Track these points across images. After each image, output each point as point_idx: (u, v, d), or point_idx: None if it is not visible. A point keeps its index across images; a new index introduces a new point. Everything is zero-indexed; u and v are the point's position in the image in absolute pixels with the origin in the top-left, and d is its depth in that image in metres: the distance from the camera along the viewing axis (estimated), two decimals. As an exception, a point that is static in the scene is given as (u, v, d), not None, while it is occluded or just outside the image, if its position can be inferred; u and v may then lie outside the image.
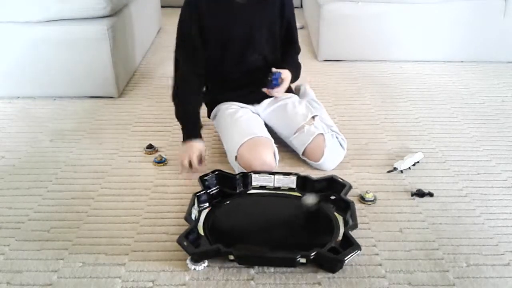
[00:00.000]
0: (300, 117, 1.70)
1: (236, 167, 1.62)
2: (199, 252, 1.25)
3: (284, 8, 1.72)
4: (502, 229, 1.40)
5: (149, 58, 2.71)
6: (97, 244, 1.34)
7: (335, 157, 1.68)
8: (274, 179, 1.54)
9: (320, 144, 1.64)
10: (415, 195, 1.54)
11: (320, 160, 1.64)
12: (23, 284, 1.22)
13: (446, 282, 1.22)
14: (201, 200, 1.44)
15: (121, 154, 1.78)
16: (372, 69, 2.54)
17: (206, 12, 1.65)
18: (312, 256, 1.21)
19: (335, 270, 1.24)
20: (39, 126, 1.98)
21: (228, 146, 1.67)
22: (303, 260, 1.22)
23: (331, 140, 1.67)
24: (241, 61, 1.72)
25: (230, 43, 1.69)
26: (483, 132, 1.93)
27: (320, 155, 1.63)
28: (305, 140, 1.65)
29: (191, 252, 1.24)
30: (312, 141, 1.64)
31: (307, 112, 1.72)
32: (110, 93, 2.21)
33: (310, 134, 1.65)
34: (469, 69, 2.55)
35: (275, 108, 1.78)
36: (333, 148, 1.67)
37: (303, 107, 1.75)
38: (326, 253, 1.24)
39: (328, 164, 1.65)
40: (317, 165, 1.65)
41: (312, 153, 1.65)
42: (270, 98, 1.78)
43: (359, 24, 2.56)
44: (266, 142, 1.62)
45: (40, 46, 2.10)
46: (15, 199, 1.54)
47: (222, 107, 1.77)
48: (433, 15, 2.53)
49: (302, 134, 1.66)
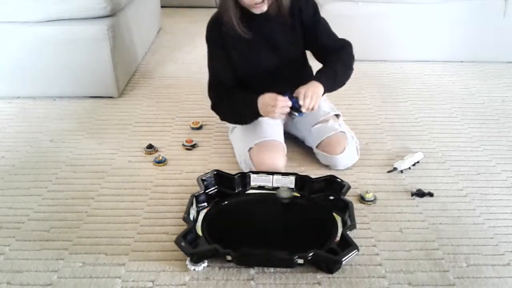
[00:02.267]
0: (323, 112, 1.71)
1: (243, 166, 1.62)
2: (197, 253, 1.25)
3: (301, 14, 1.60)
4: (502, 229, 1.40)
5: (149, 58, 2.71)
6: (97, 244, 1.34)
7: (351, 158, 1.67)
8: (273, 179, 1.53)
9: (341, 140, 1.63)
10: (415, 195, 1.54)
11: (340, 154, 1.62)
12: (23, 284, 1.22)
13: (446, 282, 1.22)
14: (199, 200, 1.44)
15: (121, 154, 1.78)
16: (372, 69, 2.54)
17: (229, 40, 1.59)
18: (310, 257, 1.21)
19: (333, 271, 1.23)
20: (39, 126, 1.98)
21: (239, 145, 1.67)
22: (300, 261, 1.22)
23: (351, 141, 1.67)
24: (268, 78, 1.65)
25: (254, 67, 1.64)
26: (483, 132, 1.93)
27: (340, 150, 1.62)
28: (325, 132, 1.65)
29: (189, 253, 1.24)
30: (333, 135, 1.64)
31: (331, 110, 1.74)
32: (110, 93, 2.21)
33: (333, 129, 1.65)
34: (469, 69, 2.55)
35: None
36: (352, 149, 1.67)
37: (327, 105, 1.76)
38: (323, 254, 1.24)
39: (343, 162, 1.64)
40: (333, 158, 1.63)
41: (331, 146, 1.63)
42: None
43: (359, 24, 2.56)
44: (279, 145, 1.62)
45: (40, 46, 2.10)
46: (15, 199, 1.54)
47: None
48: (433, 15, 2.53)
49: (325, 126, 1.66)
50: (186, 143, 1.81)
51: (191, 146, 1.81)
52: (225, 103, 1.66)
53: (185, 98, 2.19)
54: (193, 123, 1.96)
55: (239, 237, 1.36)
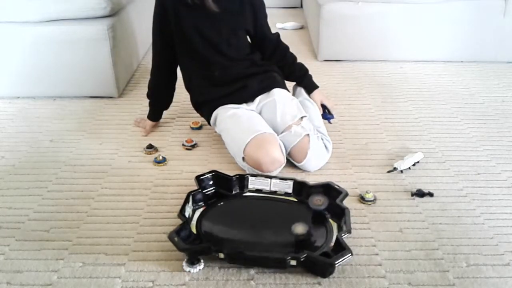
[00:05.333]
0: (289, 116, 1.69)
1: (246, 168, 1.63)
2: (189, 249, 1.25)
3: (256, 15, 1.78)
4: (502, 229, 1.40)
5: (149, 58, 2.68)
6: (97, 244, 1.34)
7: (319, 159, 1.67)
8: (271, 183, 1.52)
9: (304, 145, 1.63)
10: (415, 195, 1.54)
11: (303, 161, 1.63)
12: (23, 284, 1.22)
13: (446, 282, 1.22)
14: (196, 199, 1.44)
15: (121, 154, 1.78)
16: (372, 69, 2.54)
17: (173, 14, 1.70)
18: (303, 258, 1.20)
19: (326, 275, 1.22)
20: (39, 126, 1.98)
21: (233, 148, 1.67)
22: (293, 262, 1.21)
23: (316, 141, 1.66)
24: (211, 62, 1.75)
25: (198, 47, 1.73)
26: (483, 132, 1.93)
27: (303, 156, 1.63)
28: (291, 141, 1.64)
29: (181, 248, 1.23)
30: (297, 143, 1.63)
31: (297, 112, 1.71)
32: (110, 93, 2.21)
33: (297, 135, 1.64)
34: (469, 69, 2.55)
35: (266, 103, 1.75)
36: (317, 150, 1.66)
37: (294, 107, 1.73)
38: (316, 256, 1.23)
39: (311, 165, 1.65)
40: (300, 165, 1.65)
41: (296, 154, 1.64)
42: (262, 94, 1.77)
43: (359, 24, 2.56)
44: (271, 137, 1.62)
45: (40, 46, 2.10)
46: (15, 199, 1.54)
47: (219, 112, 1.75)
48: (433, 15, 2.53)
49: (289, 134, 1.66)
50: (186, 143, 1.81)
51: (191, 146, 1.81)
52: (150, 85, 1.89)
53: (185, 98, 2.18)
54: (193, 123, 1.96)
55: (232, 237, 1.35)
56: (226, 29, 1.72)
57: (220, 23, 1.70)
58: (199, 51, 1.73)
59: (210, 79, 1.77)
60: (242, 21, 1.75)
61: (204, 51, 1.73)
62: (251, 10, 1.75)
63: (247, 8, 1.74)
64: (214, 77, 1.76)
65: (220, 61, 1.74)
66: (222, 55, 1.74)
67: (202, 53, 1.73)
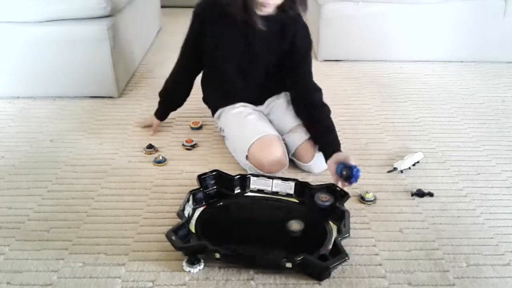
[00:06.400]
0: (289, 125, 1.70)
1: (248, 167, 1.62)
2: (185, 247, 1.25)
3: (295, 38, 1.66)
4: (502, 229, 1.40)
5: (149, 58, 2.71)
6: (97, 244, 1.34)
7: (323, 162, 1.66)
8: (273, 184, 1.52)
9: (310, 148, 1.63)
10: (415, 195, 1.54)
11: (310, 162, 1.63)
12: (23, 284, 1.22)
13: (446, 282, 1.22)
14: (196, 198, 1.44)
15: (121, 154, 1.78)
16: (372, 69, 2.54)
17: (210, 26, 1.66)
18: (299, 260, 1.19)
19: (322, 278, 1.22)
20: (39, 126, 1.98)
21: (237, 145, 1.67)
22: (289, 265, 1.20)
23: None
24: (241, 74, 1.72)
25: (227, 73, 1.71)
26: (483, 132, 1.93)
27: (310, 157, 1.63)
28: (296, 142, 1.65)
29: (177, 247, 1.23)
30: (302, 144, 1.64)
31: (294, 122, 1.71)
32: (110, 93, 2.21)
33: (301, 137, 1.65)
34: (469, 69, 2.55)
35: (275, 104, 1.78)
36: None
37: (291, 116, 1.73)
38: (312, 259, 1.22)
39: (317, 166, 1.64)
40: (307, 166, 1.65)
41: (303, 154, 1.64)
42: (272, 97, 1.79)
43: (359, 24, 2.56)
44: (276, 139, 1.62)
45: (40, 46, 2.10)
46: (15, 199, 1.54)
47: (226, 108, 1.76)
48: (433, 15, 2.53)
49: (296, 134, 1.66)
50: (186, 143, 1.81)
51: (191, 146, 1.81)
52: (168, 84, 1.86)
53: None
54: (193, 123, 1.96)
55: (230, 238, 1.35)
56: (263, 67, 1.71)
57: (258, 58, 1.68)
58: (227, 76, 1.73)
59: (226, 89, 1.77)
60: (279, 60, 1.69)
61: (232, 77, 1.72)
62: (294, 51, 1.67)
63: (293, 49, 1.67)
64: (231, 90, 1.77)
65: (244, 87, 1.74)
66: (249, 84, 1.74)
67: (230, 78, 1.73)
